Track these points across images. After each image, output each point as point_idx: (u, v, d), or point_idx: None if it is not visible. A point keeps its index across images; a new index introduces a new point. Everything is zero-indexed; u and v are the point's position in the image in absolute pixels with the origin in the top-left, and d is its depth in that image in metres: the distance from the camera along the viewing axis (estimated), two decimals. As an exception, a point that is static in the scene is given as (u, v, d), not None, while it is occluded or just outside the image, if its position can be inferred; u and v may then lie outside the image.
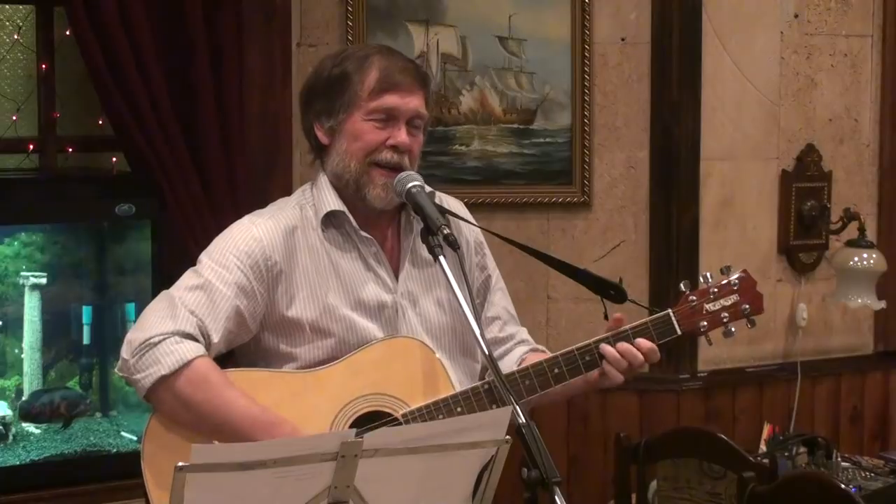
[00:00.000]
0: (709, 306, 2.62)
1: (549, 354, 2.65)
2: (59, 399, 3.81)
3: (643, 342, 2.55)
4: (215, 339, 2.46)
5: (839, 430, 4.51)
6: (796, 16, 4.38)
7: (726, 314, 2.63)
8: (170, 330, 2.42)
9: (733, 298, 2.64)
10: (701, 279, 2.65)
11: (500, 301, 2.77)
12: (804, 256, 4.44)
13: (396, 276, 2.60)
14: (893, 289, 4.49)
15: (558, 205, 4.20)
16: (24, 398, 3.75)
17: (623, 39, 4.20)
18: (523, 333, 2.79)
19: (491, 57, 4.15)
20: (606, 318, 2.59)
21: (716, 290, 2.63)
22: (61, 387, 3.82)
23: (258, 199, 3.40)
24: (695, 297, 2.62)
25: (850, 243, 4.33)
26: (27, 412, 3.75)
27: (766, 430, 4.20)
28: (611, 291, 2.60)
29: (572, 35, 4.15)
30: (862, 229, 4.30)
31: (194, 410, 2.41)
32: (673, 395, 4.24)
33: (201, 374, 2.41)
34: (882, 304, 4.34)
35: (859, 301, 4.28)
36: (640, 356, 2.54)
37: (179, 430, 2.44)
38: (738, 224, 4.34)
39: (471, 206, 2.80)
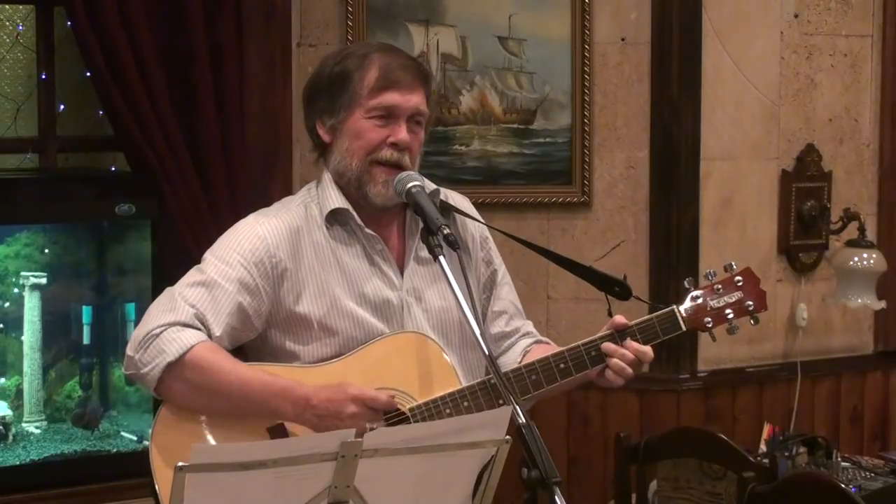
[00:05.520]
0: (713, 303, 2.62)
1: (553, 345, 2.66)
2: (97, 406, 3.86)
3: (634, 344, 2.55)
4: (216, 331, 2.46)
5: (839, 430, 4.50)
6: (796, 16, 4.37)
7: (730, 311, 2.62)
8: (169, 321, 2.44)
9: (737, 295, 2.63)
10: (704, 276, 2.65)
11: (506, 295, 2.77)
12: (804, 256, 4.44)
13: (401, 274, 2.60)
14: (893, 289, 4.49)
15: (558, 205, 4.20)
16: (73, 404, 3.81)
17: (623, 39, 4.20)
18: (528, 326, 2.79)
19: (491, 57, 4.15)
20: (610, 314, 2.59)
21: (720, 286, 2.63)
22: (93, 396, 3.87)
23: (258, 199, 3.41)
24: (699, 294, 2.62)
25: (850, 243, 4.32)
26: (79, 418, 3.82)
27: (766, 430, 4.19)
28: (616, 288, 2.61)
29: (572, 35, 4.15)
30: (862, 229, 4.30)
31: (207, 392, 2.43)
32: (673, 395, 4.23)
33: (206, 356, 2.43)
34: (882, 304, 4.34)
35: (859, 301, 4.28)
36: (630, 355, 2.53)
37: (191, 416, 2.46)
38: (738, 224, 4.33)
39: (470, 207, 2.80)
